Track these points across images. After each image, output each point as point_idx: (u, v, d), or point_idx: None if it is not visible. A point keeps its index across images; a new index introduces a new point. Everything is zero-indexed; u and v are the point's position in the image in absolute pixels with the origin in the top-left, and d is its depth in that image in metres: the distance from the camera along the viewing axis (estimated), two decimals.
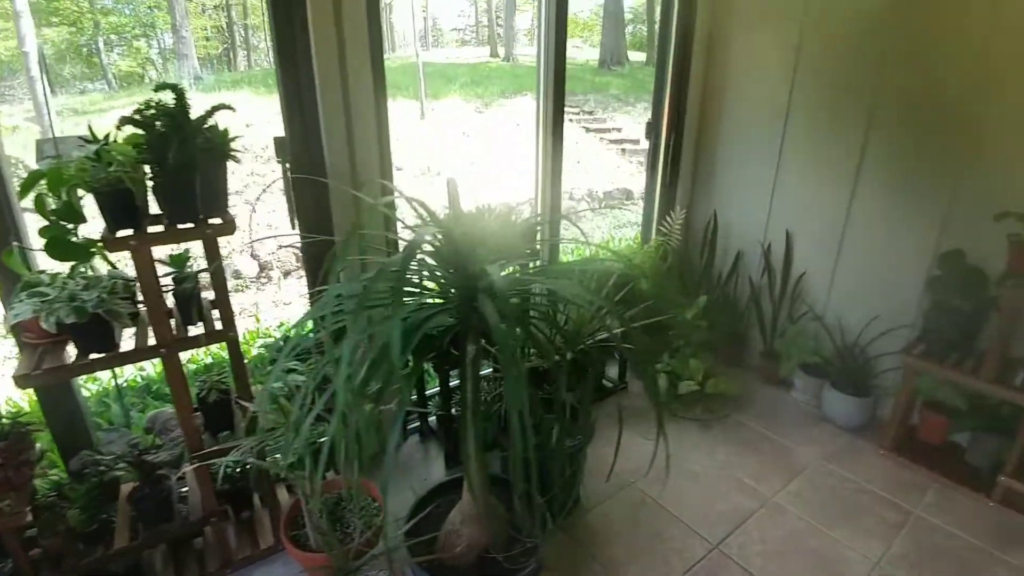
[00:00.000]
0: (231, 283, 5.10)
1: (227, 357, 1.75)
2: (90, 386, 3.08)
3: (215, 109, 1.59)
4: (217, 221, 1.63)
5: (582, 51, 20.01)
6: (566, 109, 2.84)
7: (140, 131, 1.51)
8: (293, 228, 2.12)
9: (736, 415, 2.81)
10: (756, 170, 3.03)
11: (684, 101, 3.10)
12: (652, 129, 3.20)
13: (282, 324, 4.15)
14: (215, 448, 1.72)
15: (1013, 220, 2.10)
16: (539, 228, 2.37)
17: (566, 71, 2.61)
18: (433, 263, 1.33)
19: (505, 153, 7.60)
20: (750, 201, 3.10)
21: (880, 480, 2.37)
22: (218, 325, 1.73)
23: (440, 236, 1.23)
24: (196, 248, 1.72)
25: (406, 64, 10.87)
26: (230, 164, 1.67)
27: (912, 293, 2.50)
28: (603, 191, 7.62)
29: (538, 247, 2.63)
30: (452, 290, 1.32)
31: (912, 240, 2.51)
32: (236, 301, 4.81)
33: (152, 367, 3.29)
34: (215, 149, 1.63)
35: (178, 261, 1.81)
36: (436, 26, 18.52)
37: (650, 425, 2.82)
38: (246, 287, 5.11)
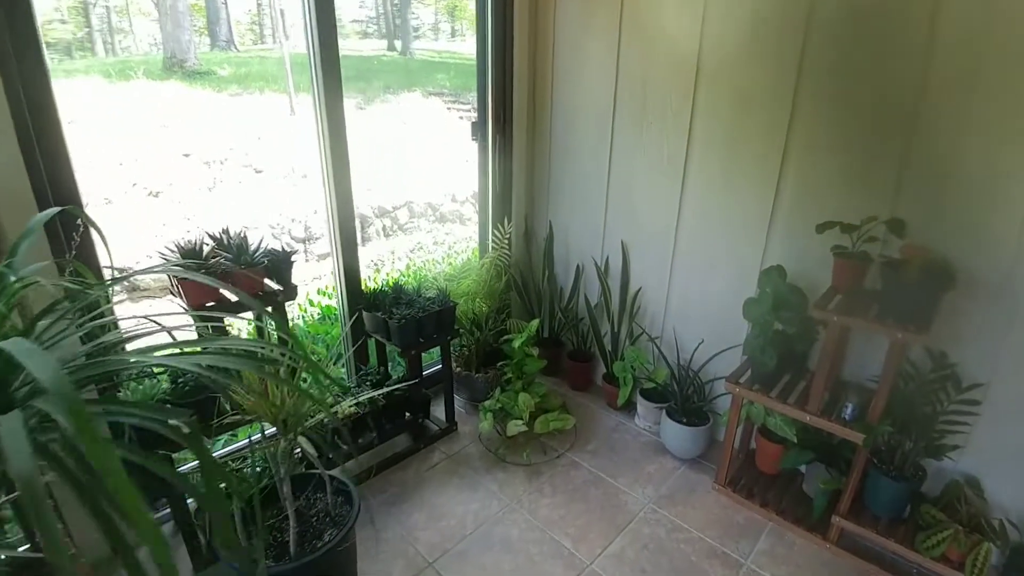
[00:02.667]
0: None
1: None
2: None
3: None
4: None
5: None
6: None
7: None
8: None
9: (572, 453, 2.43)
10: (590, 173, 2.66)
11: (509, 97, 2.67)
12: (478, 129, 2.75)
13: None
14: None
15: (837, 231, 1.82)
16: (293, 257, 1.85)
17: (340, 62, 2.09)
18: None
19: (381, 153, 6.97)
20: (586, 209, 2.73)
21: (712, 525, 2.06)
22: None
23: None
24: None
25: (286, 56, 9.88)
26: None
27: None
28: None
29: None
30: None
31: (738, 254, 2.23)
32: None
33: None
34: None
35: None
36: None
37: (477, 475, 2.42)
38: None
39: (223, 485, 1.37)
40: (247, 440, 1.92)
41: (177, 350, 0.96)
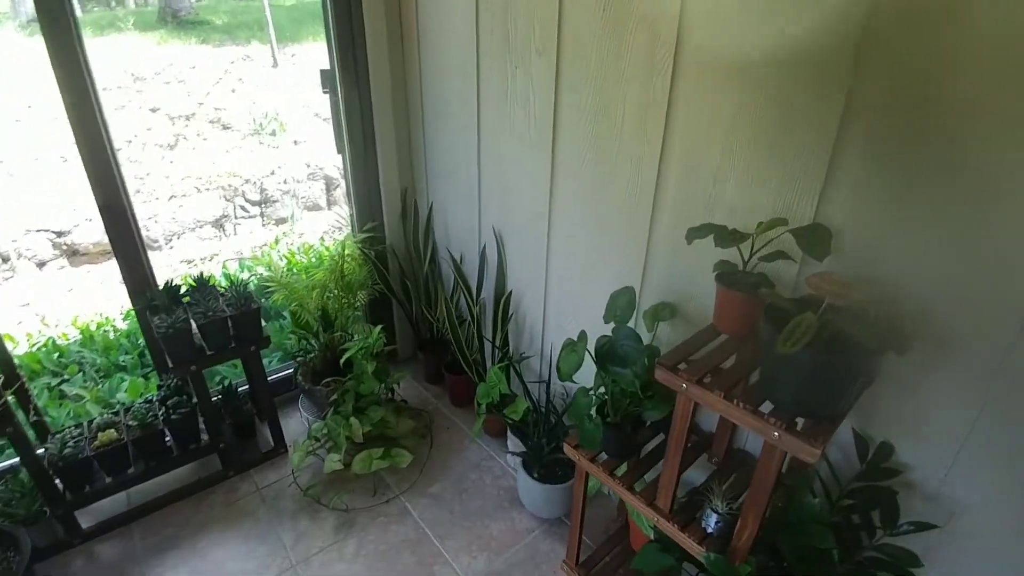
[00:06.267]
0: None
1: None
2: None
3: None
4: None
5: None
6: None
7: None
8: None
9: (408, 496, 1.87)
10: (460, 138, 1.96)
11: (359, 30, 1.97)
12: (329, 80, 2.09)
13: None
14: None
15: (713, 240, 1.09)
16: None
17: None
18: None
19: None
20: (460, 186, 2.04)
21: None
22: None
23: None
24: None
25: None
26: None
27: None
28: None
29: None
30: None
31: (620, 254, 1.51)
32: None
33: None
34: None
35: None
36: None
37: (279, 519, 1.72)
38: None
39: None
40: None
41: None
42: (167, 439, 1.80)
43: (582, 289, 1.67)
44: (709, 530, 1.15)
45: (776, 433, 0.92)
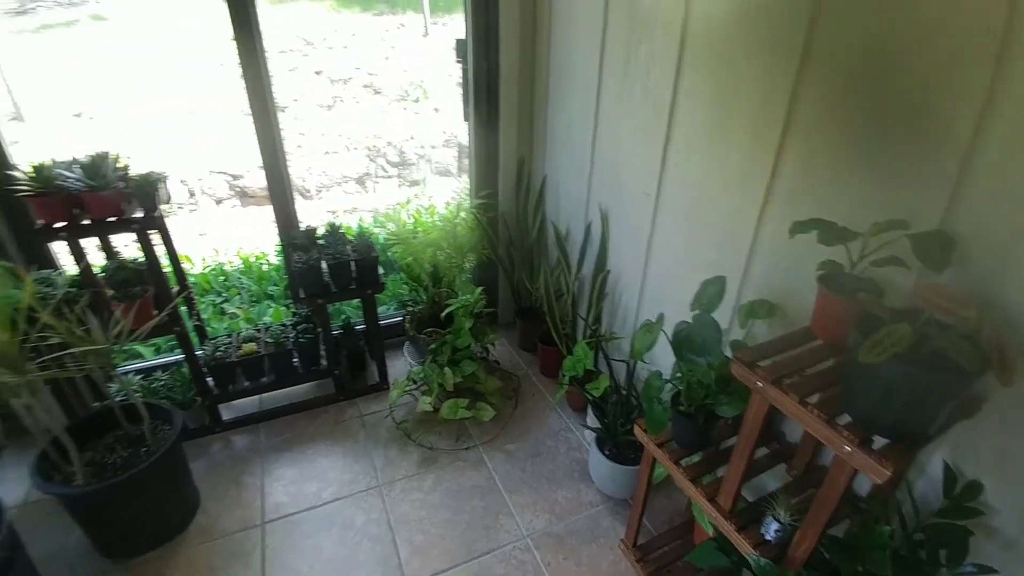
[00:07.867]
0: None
1: None
2: None
3: None
4: None
5: None
6: None
7: None
8: None
9: (486, 448, 2.04)
10: (579, 113, 2.01)
11: (494, 7, 2.08)
12: (462, 49, 2.24)
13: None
14: None
15: (817, 235, 1.05)
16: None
17: None
18: None
19: None
20: (574, 161, 2.10)
21: None
22: None
23: None
24: None
25: None
26: None
27: None
28: None
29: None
30: None
31: (723, 243, 1.48)
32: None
33: None
34: None
35: None
36: None
37: (373, 445, 2.01)
38: (174, 213, 4.88)
39: None
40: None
41: None
42: (294, 359, 2.16)
43: (681, 275, 1.66)
44: (768, 537, 1.13)
45: (847, 447, 0.89)
